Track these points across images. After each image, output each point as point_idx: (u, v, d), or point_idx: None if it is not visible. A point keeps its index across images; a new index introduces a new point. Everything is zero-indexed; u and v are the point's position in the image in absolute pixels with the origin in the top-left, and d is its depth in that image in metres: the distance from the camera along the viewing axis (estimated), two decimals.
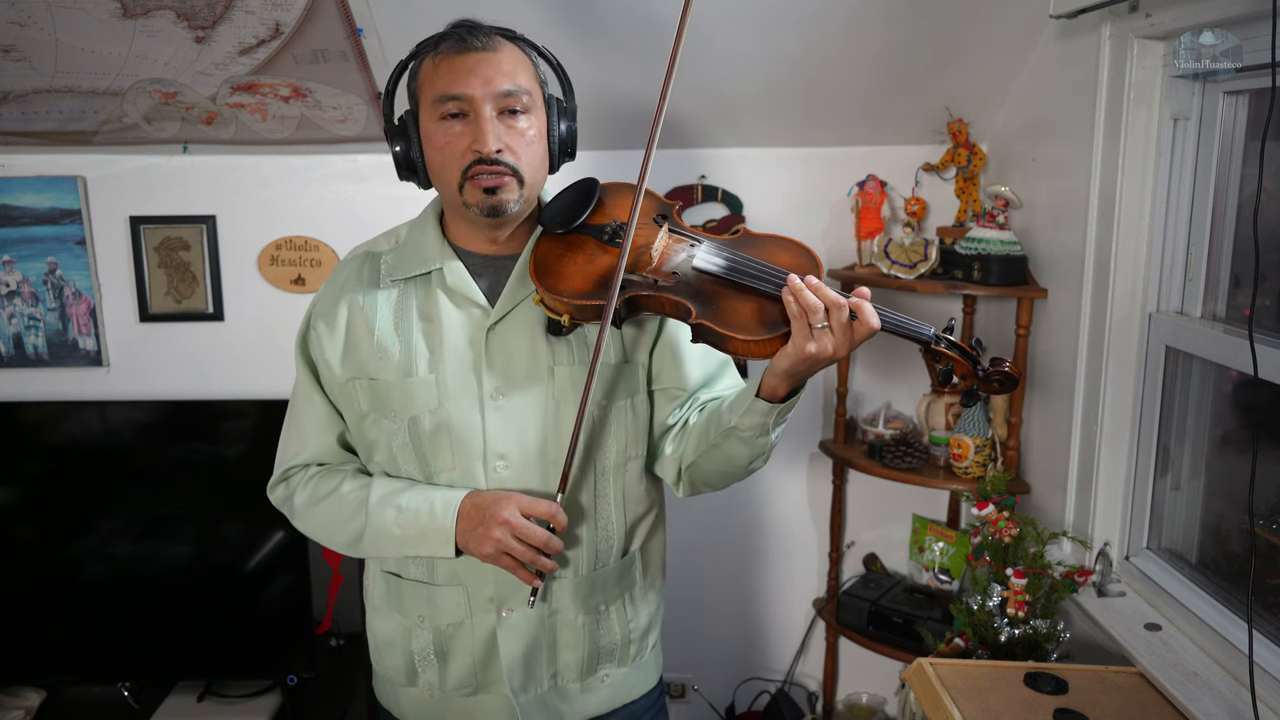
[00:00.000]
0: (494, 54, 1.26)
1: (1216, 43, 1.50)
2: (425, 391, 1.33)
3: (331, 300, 1.40)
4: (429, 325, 1.35)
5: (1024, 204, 2.16)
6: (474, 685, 1.41)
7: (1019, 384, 1.25)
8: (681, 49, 1.26)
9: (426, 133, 1.29)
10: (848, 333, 1.16)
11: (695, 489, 1.41)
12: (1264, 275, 1.57)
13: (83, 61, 1.99)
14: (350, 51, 2.00)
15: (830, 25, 1.98)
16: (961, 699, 1.56)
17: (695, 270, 1.27)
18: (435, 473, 1.36)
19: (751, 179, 2.44)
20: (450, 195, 1.30)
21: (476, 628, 1.38)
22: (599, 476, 1.39)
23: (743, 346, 1.21)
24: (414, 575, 1.41)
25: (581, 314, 1.28)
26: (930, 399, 2.41)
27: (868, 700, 2.65)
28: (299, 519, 1.44)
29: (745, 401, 1.25)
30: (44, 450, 2.25)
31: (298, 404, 1.45)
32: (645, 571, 1.48)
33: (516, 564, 1.28)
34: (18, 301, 2.43)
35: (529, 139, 1.28)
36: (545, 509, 1.28)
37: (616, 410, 1.38)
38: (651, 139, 1.28)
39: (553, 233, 1.34)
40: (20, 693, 2.27)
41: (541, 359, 1.34)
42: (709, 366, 1.43)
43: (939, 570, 2.46)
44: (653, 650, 1.53)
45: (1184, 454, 1.84)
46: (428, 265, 1.36)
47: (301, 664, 2.21)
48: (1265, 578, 1.60)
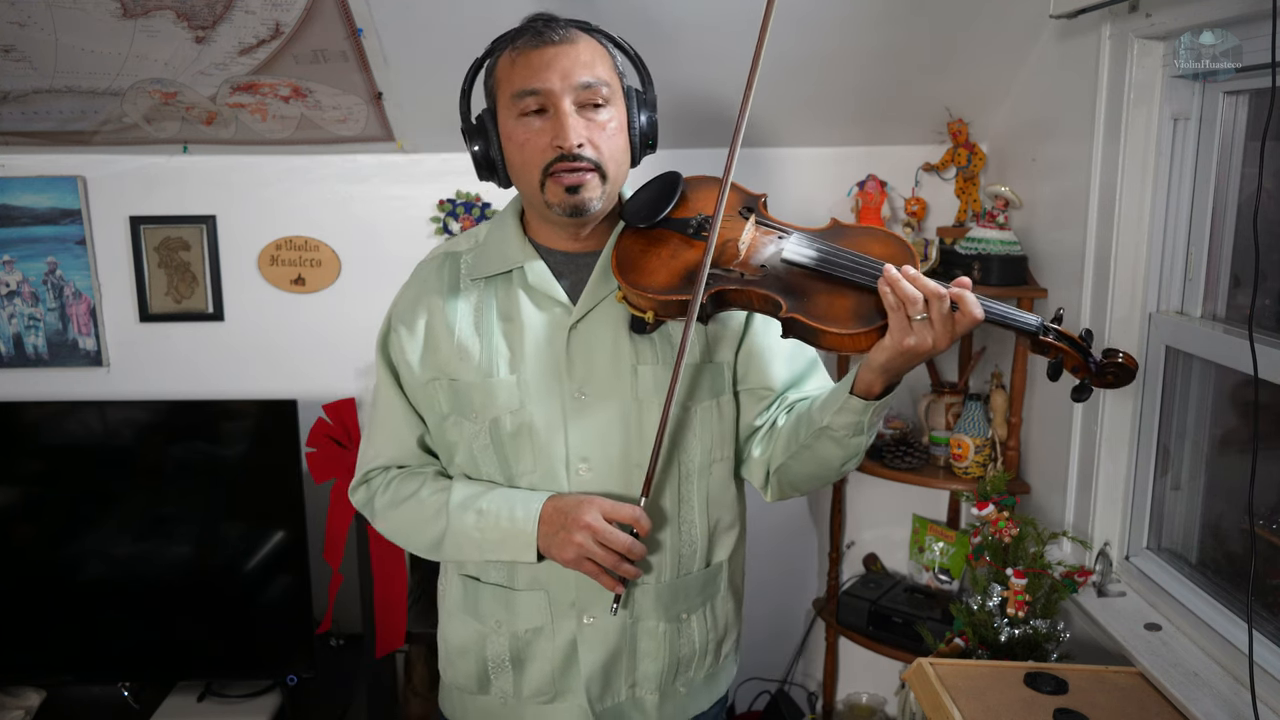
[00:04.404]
0: (571, 46, 1.24)
1: (1216, 43, 1.50)
2: (506, 392, 1.31)
3: (411, 301, 1.38)
4: (509, 325, 1.32)
5: (1024, 204, 2.16)
6: (551, 693, 1.37)
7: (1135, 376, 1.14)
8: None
9: (506, 130, 1.27)
10: (949, 324, 1.10)
11: (784, 493, 1.37)
12: (1264, 275, 1.57)
13: (83, 61, 1.99)
14: (350, 51, 2.00)
15: (830, 25, 1.98)
16: (961, 699, 1.56)
17: (785, 263, 1.22)
18: (517, 475, 1.33)
19: (751, 179, 2.42)
20: (531, 193, 1.28)
21: (557, 634, 1.35)
22: (683, 480, 1.35)
23: (836, 340, 1.15)
24: (494, 579, 1.37)
25: (666, 310, 1.24)
26: (930, 399, 2.41)
27: (868, 700, 2.64)
28: (380, 521, 1.42)
29: (838, 400, 1.21)
30: (44, 450, 2.25)
31: (379, 406, 1.43)
32: (729, 580, 1.44)
33: (599, 570, 1.26)
34: (18, 301, 2.43)
35: (610, 132, 1.26)
36: (629, 513, 1.25)
37: (701, 411, 1.35)
38: (737, 131, 1.24)
39: (635, 228, 1.31)
40: (20, 693, 2.27)
41: (625, 358, 1.31)
42: (797, 366, 1.39)
43: (939, 570, 2.46)
44: (726, 659, 1.49)
45: (1184, 454, 1.84)
46: (509, 264, 1.34)
47: (301, 664, 2.21)
48: (1265, 578, 1.60)
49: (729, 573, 1.44)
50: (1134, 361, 1.14)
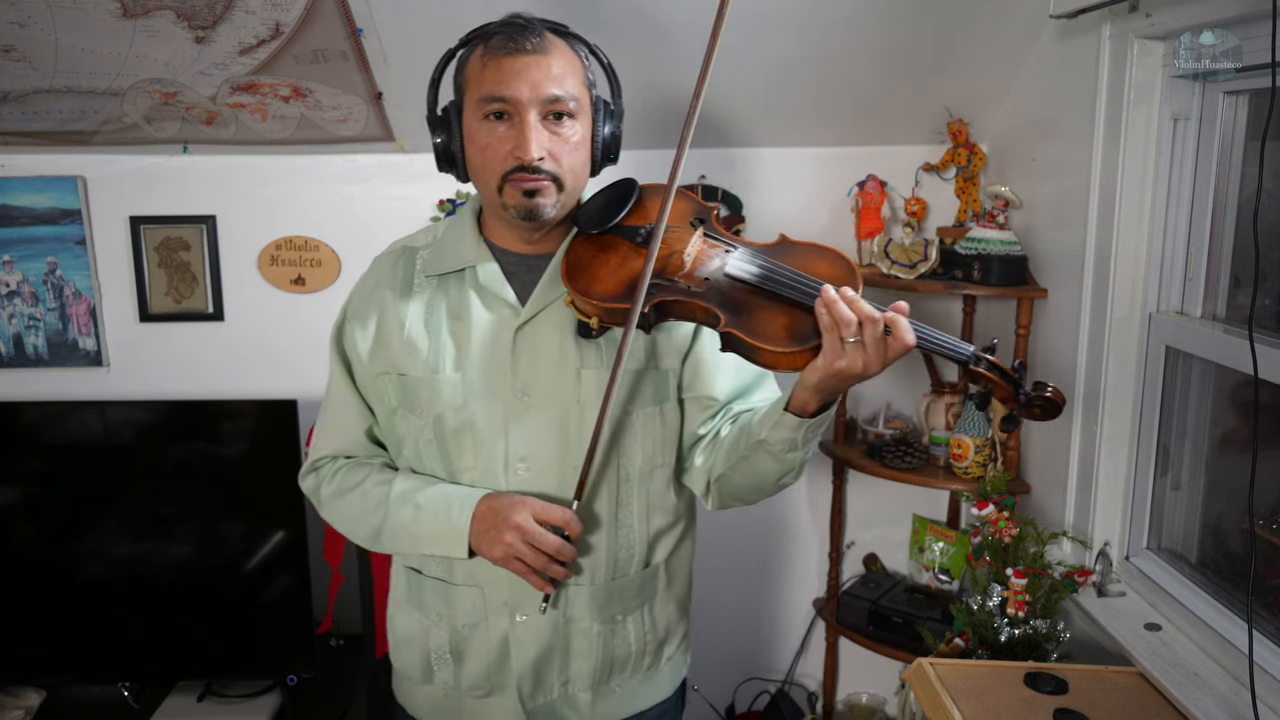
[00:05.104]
0: (544, 57, 1.24)
1: (1216, 43, 1.50)
2: (450, 389, 1.32)
3: (366, 294, 1.40)
4: (458, 323, 1.34)
5: (1024, 204, 2.16)
6: (487, 687, 1.39)
7: (1062, 411, 1.17)
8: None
9: (469, 130, 1.27)
10: (881, 349, 1.10)
11: (724, 502, 1.38)
12: (1264, 275, 1.57)
13: (83, 61, 1.99)
14: (350, 51, 2.00)
15: (830, 25, 1.98)
16: (961, 699, 1.56)
17: (728, 277, 1.22)
18: (458, 472, 1.35)
19: (751, 179, 2.43)
20: (489, 195, 1.29)
21: (491, 630, 1.37)
22: (622, 484, 1.36)
23: (771, 357, 1.17)
24: (434, 573, 1.40)
25: (610, 317, 1.25)
26: (930, 399, 2.41)
27: (868, 700, 2.64)
28: (325, 510, 1.45)
29: (775, 415, 1.22)
30: (44, 450, 2.25)
31: (330, 396, 1.45)
32: (670, 584, 1.45)
33: (527, 569, 1.27)
34: (18, 301, 2.43)
35: (572, 145, 1.26)
36: (559, 515, 1.26)
37: (643, 417, 1.35)
38: (683, 141, 1.24)
39: (587, 233, 1.31)
40: (20, 693, 2.27)
41: (569, 362, 1.32)
42: (744, 377, 1.39)
43: (939, 570, 2.46)
44: (669, 662, 1.49)
45: (1184, 454, 1.84)
46: (462, 263, 1.35)
47: (301, 664, 2.21)
48: (1265, 578, 1.60)
49: (668, 575, 1.44)
50: (1061, 396, 1.16)
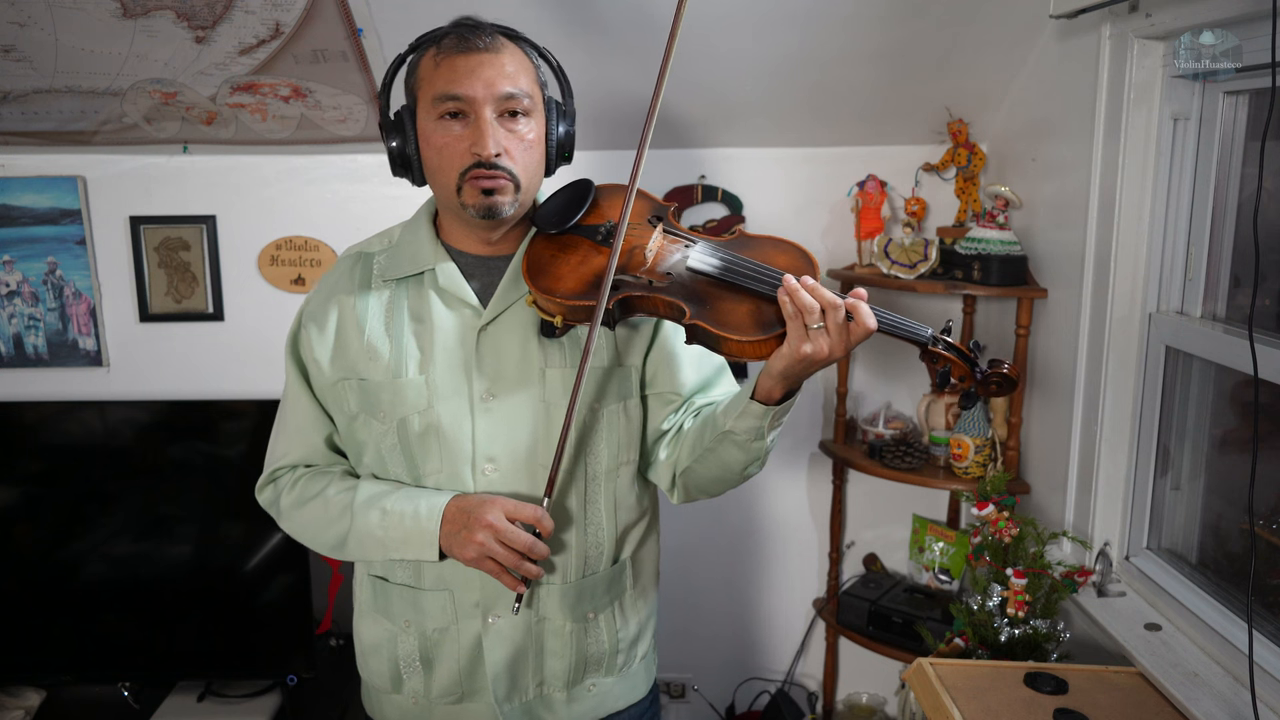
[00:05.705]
0: (496, 55, 1.25)
1: (1216, 43, 1.50)
2: (415, 393, 1.32)
3: (322, 301, 1.39)
4: (420, 326, 1.34)
5: (1024, 204, 2.16)
6: (459, 693, 1.39)
7: (1018, 386, 1.24)
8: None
9: (424, 131, 1.28)
10: (844, 333, 1.14)
11: (690, 495, 1.39)
12: (1264, 275, 1.57)
13: (83, 61, 1.99)
14: (350, 51, 2.00)
15: (830, 25, 1.98)
16: (961, 699, 1.56)
17: (690, 271, 1.26)
18: (423, 475, 1.35)
19: (751, 179, 2.44)
20: (446, 196, 1.29)
21: (462, 634, 1.37)
22: (589, 481, 1.37)
23: (737, 347, 1.20)
24: (400, 579, 1.39)
25: (574, 315, 1.27)
26: (930, 399, 2.41)
27: (868, 700, 2.64)
28: (285, 521, 1.43)
29: (740, 404, 1.24)
30: (44, 450, 2.25)
31: (287, 405, 1.44)
32: (636, 580, 1.46)
33: (500, 569, 1.27)
34: (18, 301, 2.43)
35: (528, 143, 1.27)
36: (530, 513, 1.26)
37: (608, 414, 1.37)
38: (643, 140, 1.27)
39: (546, 233, 1.33)
40: (20, 693, 2.27)
41: (533, 361, 1.33)
42: (705, 371, 1.42)
43: (939, 570, 2.46)
44: (642, 661, 1.50)
45: (1184, 454, 1.84)
46: (420, 266, 1.35)
47: (301, 664, 2.21)
48: (1265, 578, 1.60)
49: (635, 570, 1.45)
50: (1016, 371, 1.22)
